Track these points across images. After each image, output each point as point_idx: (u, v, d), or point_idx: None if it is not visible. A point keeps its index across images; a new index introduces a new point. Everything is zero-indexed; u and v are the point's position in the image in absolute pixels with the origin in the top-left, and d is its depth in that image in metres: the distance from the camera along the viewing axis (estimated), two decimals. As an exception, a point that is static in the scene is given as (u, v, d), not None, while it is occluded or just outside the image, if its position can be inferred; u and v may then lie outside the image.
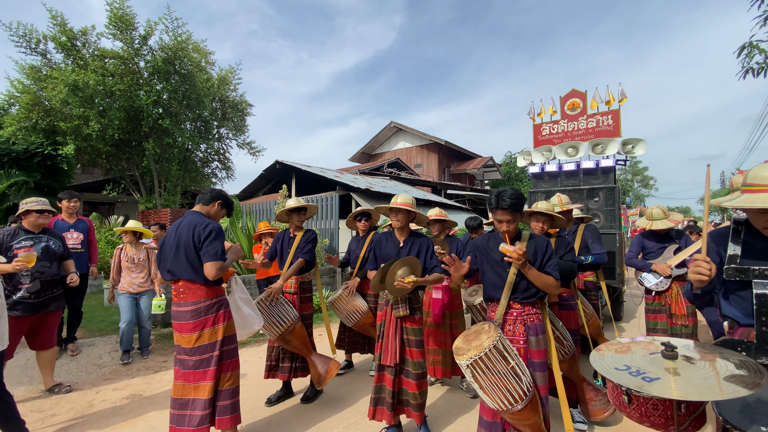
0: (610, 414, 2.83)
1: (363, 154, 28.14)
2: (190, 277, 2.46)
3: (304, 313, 3.45)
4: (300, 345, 3.29)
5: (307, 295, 3.53)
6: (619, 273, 5.63)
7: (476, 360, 1.92)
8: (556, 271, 2.16)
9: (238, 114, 13.89)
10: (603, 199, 5.70)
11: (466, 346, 2.02)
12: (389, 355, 2.68)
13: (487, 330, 2.06)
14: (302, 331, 3.30)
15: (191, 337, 2.45)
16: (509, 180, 28.16)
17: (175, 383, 2.51)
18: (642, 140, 5.83)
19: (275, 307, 3.21)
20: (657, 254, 3.85)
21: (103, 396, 3.62)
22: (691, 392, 1.26)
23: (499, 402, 1.96)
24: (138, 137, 12.19)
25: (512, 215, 2.14)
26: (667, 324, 3.75)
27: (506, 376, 1.95)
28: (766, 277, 1.54)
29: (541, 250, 2.20)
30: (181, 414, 2.42)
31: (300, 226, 3.55)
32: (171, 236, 2.55)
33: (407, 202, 2.82)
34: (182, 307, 2.49)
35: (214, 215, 2.73)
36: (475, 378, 1.97)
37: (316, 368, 3.30)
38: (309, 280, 3.59)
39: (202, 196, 2.73)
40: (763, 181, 1.52)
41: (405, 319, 2.76)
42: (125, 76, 10.99)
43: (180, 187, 13.18)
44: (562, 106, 6.63)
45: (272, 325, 3.17)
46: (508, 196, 2.11)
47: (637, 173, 42.42)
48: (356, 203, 12.93)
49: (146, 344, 4.71)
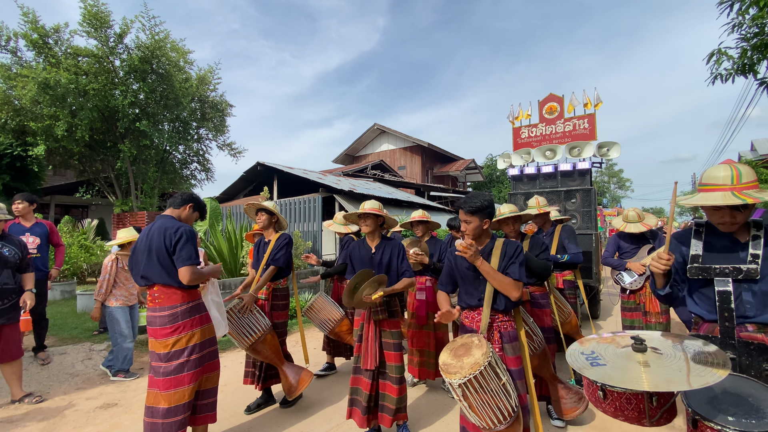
0: (581, 412, 2.89)
1: (347, 155, 28.09)
2: (165, 282, 2.43)
3: (276, 321, 3.33)
4: (271, 354, 3.18)
5: (280, 303, 3.39)
6: (595, 272, 5.79)
7: (470, 379, 1.80)
8: (516, 272, 2.15)
9: (218, 114, 13.67)
10: (580, 201, 5.85)
11: (456, 362, 1.89)
12: (369, 358, 2.67)
13: (477, 344, 1.96)
14: (273, 340, 3.20)
15: (168, 342, 2.41)
16: (491, 182, 28.59)
17: (149, 391, 2.43)
18: (616, 143, 6.03)
19: (245, 316, 3.10)
20: (632, 254, 3.98)
21: (76, 405, 3.50)
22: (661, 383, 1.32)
23: (488, 420, 1.88)
24: (113, 138, 11.85)
25: (470, 218, 2.20)
26: (642, 321, 3.88)
27: (498, 394, 1.87)
28: (726, 275, 1.63)
29: (508, 253, 2.22)
30: (155, 422, 2.34)
31: (272, 230, 3.42)
32: (142, 241, 2.50)
33: (374, 207, 2.85)
34: (158, 312, 2.44)
35: (186, 219, 2.67)
36: (465, 397, 1.86)
37: (288, 378, 3.21)
38: (284, 286, 3.44)
39: (173, 200, 2.68)
40: (716, 180, 1.62)
41: (383, 323, 2.77)
42: (99, 75, 10.67)
43: (157, 189, 12.87)
44: (541, 110, 6.79)
45: (241, 336, 3.07)
46: (472, 199, 2.21)
47: (613, 175, 43.73)
48: (340, 205, 12.88)
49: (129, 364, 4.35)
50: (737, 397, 1.40)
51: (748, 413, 1.31)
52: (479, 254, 2.14)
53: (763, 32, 3.90)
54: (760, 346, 1.56)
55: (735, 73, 4.26)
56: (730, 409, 1.34)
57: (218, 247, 7.24)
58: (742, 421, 1.27)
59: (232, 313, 3.10)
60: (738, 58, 4.15)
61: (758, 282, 1.58)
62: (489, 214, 2.23)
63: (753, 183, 1.57)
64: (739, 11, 3.98)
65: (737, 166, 1.61)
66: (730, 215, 1.60)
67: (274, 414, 3.30)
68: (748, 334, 1.60)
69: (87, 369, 4.34)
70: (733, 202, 1.52)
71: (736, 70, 4.22)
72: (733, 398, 1.40)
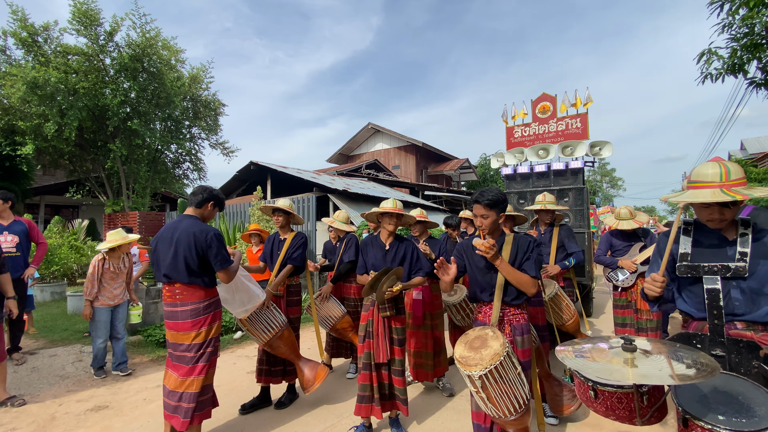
0: (575, 409, 2.91)
1: (341, 155, 28.01)
2: (190, 281, 2.54)
3: (290, 317, 3.39)
4: (288, 350, 3.22)
5: (294, 299, 3.46)
6: (588, 271, 5.83)
7: (491, 370, 1.82)
8: (533, 269, 2.18)
9: (211, 113, 13.57)
10: (572, 200, 5.88)
11: (474, 355, 1.89)
12: (381, 352, 2.73)
13: (493, 336, 1.98)
14: (290, 336, 3.25)
15: (190, 335, 2.54)
16: (484, 181, 28.66)
17: (168, 373, 2.59)
18: (608, 143, 6.06)
19: (263, 312, 3.14)
20: (624, 252, 4.01)
21: (66, 408, 3.45)
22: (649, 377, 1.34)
23: (504, 410, 1.89)
24: (104, 137, 11.71)
25: (489, 211, 2.20)
26: (633, 319, 3.91)
27: (515, 383, 1.89)
28: (714, 273, 1.64)
29: (522, 249, 2.24)
30: (176, 405, 2.52)
31: (288, 228, 3.51)
32: (166, 240, 2.58)
33: (399, 208, 2.92)
34: (179, 308, 2.56)
35: (209, 216, 2.77)
36: (485, 388, 1.86)
37: (304, 374, 3.25)
38: (298, 282, 3.52)
39: (194, 198, 2.71)
40: (705, 178, 1.63)
41: (391, 319, 2.83)
42: (89, 74, 10.54)
43: (149, 189, 12.75)
44: (534, 110, 6.81)
45: (259, 332, 3.11)
46: (488, 192, 2.21)
47: (605, 174, 44.08)
48: (334, 205, 12.85)
49: (125, 358, 4.36)
50: (727, 395, 1.41)
51: (738, 412, 1.32)
52: (498, 253, 2.15)
53: (753, 32, 3.95)
54: (749, 343, 1.57)
55: (725, 72, 4.30)
56: (720, 408, 1.35)
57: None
58: (732, 420, 1.28)
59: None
60: (728, 58, 4.20)
61: (746, 280, 1.59)
62: (503, 208, 2.25)
63: (741, 180, 1.59)
64: (729, 12, 4.02)
65: (726, 164, 1.62)
66: (719, 212, 1.62)
67: (268, 414, 3.28)
68: (737, 331, 1.61)
69: (77, 371, 4.28)
70: (722, 199, 1.53)
71: (726, 69, 4.27)
72: (723, 397, 1.41)
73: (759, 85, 4.29)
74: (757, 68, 4.22)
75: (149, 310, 5.56)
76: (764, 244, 1.61)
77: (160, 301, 5.65)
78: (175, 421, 2.52)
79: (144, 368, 4.41)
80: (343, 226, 4.25)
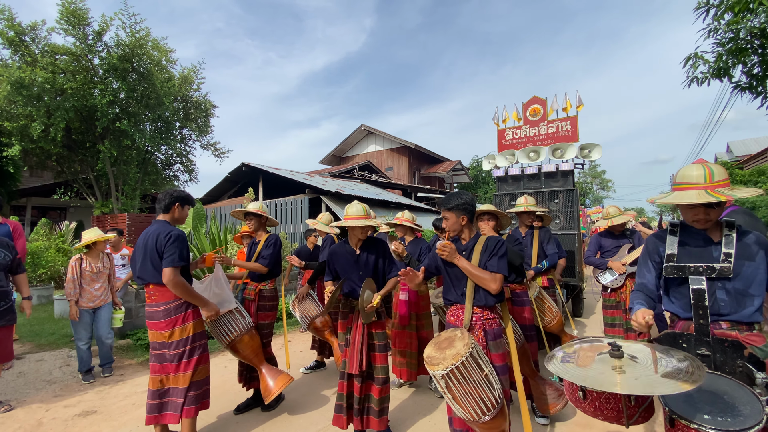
0: (561, 407, 2.94)
1: (333, 156, 27.96)
2: (158, 281, 2.63)
3: (261, 322, 3.33)
4: (250, 355, 3.16)
5: (267, 304, 3.38)
6: (578, 271, 5.89)
7: (452, 369, 1.84)
8: (494, 265, 2.19)
9: (202, 114, 13.46)
10: (563, 201, 5.94)
11: (439, 354, 1.93)
12: (354, 363, 2.64)
13: (460, 337, 2.00)
14: (253, 341, 3.18)
15: (165, 334, 2.63)
16: (477, 183, 28.81)
17: (152, 377, 2.65)
18: (598, 145, 6.14)
19: (223, 315, 3.08)
20: (613, 252, 4.06)
21: (53, 414, 3.39)
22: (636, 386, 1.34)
23: (471, 412, 1.90)
24: (92, 138, 11.55)
25: (448, 214, 2.33)
26: (622, 319, 3.96)
27: (481, 385, 1.89)
28: (700, 274, 1.67)
29: (489, 248, 2.27)
30: (161, 402, 2.61)
31: (263, 231, 3.47)
32: (140, 244, 2.72)
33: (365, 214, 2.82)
34: (155, 308, 2.68)
35: (179, 218, 2.85)
36: (449, 388, 1.90)
37: (265, 381, 3.18)
38: (272, 287, 3.43)
39: (159, 205, 2.81)
40: (690, 179, 1.67)
41: (372, 325, 2.76)
42: (78, 74, 10.40)
43: (139, 190, 12.60)
44: (525, 112, 6.88)
45: (219, 335, 3.07)
46: (448, 198, 2.34)
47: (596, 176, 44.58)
48: (326, 206, 12.82)
49: (109, 360, 4.34)
50: (713, 395, 1.43)
51: (724, 411, 1.34)
52: (456, 252, 2.22)
53: (738, 37, 4.03)
54: (733, 343, 1.60)
55: (711, 76, 4.38)
56: (706, 408, 1.37)
57: (202, 250, 7.12)
58: (718, 419, 1.30)
59: None
60: (713, 62, 4.28)
61: (731, 280, 1.63)
62: (466, 211, 2.31)
63: (725, 181, 1.63)
64: (714, 17, 4.10)
65: (710, 166, 1.66)
66: (704, 212, 1.65)
67: (259, 416, 3.26)
68: (722, 331, 1.64)
69: (65, 376, 4.21)
70: (707, 200, 1.56)
71: (711, 73, 4.35)
72: (709, 396, 1.43)
73: (744, 89, 4.37)
74: (741, 72, 4.30)
75: (139, 314, 5.49)
76: (748, 246, 1.64)
77: (149, 304, 5.59)
78: (167, 418, 2.58)
79: (133, 372, 4.35)
80: (324, 228, 4.27)
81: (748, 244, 1.65)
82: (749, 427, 1.24)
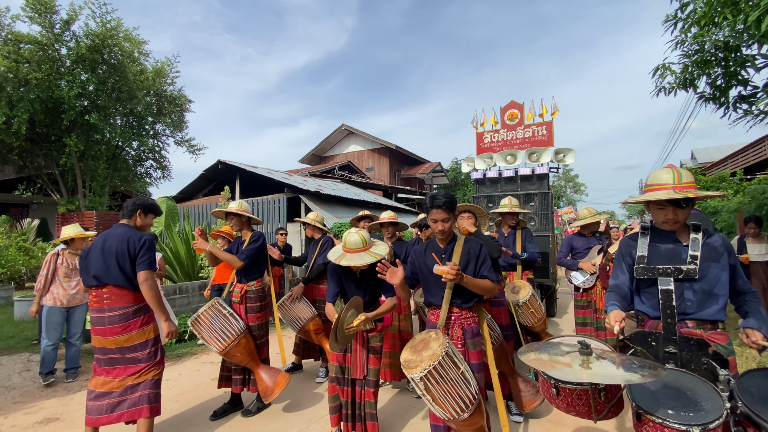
0: (539, 404, 3.02)
1: (313, 156, 27.69)
2: (120, 283, 2.59)
3: (251, 324, 3.27)
4: (246, 358, 3.12)
5: (255, 305, 3.31)
6: (552, 272, 6.04)
7: (430, 370, 1.84)
8: (492, 273, 2.22)
9: (176, 109, 13.07)
10: (538, 204, 6.08)
11: (416, 357, 1.93)
12: (358, 368, 2.59)
13: (435, 337, 2.02)
14: (249, 343, 3.15)
15: (119, 339, 2.57)
16: (456, 185, 29.15)
17: (96, 378, 2.60)
18: (572, 150, 6.32)
19: (218, 319, 3.04)
20: (584, 254, 4.19)
21: (12, 421, 3.21)
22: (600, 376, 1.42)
23: (451, 411, 1.90)
24: (58, 131, 11.02)
25: (448, 214, 2.21)
26: (593, 318, 4.08)
27: (458, 383, 1.91)
28: (668, 275, 1.74)
29: (474, 254, 2.25)
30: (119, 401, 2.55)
31: (248, 229, 3.42)
32: (98, 245, 2.64)
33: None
34: (107, 313, 2.58)
35: (142, 225, 2.83)
36: (428, 390, 1.88)
37: (263, 381, 3.15)
38: (258, 287, 3.35)
39: (123, 211, 2.81)
40: (660, 181, 1.77)
41: (371, 330, 2.69)
42: (43, 64, 9.90)
43: (108, 187, 12.11)
44: (502, 116, 7.01)
45: (215, 340, 3.00)
46: (442, 196, 2.20)
47: (569, 180, 45.86)
48: (306, 206, 12.67)
49: (75, 364, 4.13)
50: (677, 391, 1.49)
51: (687, 406, 1.40)
52: (463, 275, 2.07)
53: (703, 50, 4.21)
54: (699, 341, 1.67)
55: (677, 86, 4.57)
56: (671, 403, 1.43)
57: (175, 250, 6.90)
58: (681, 414, 1.36)
59: (205, 316, 3.04)
60: (680, 73, 4.46)
61: (697, 281, 1.70)
62: (454, 209, 2.27)
63: (692, 184, 1.73)
64: (682, 30, 4.28)
65: (678, 170, 1.76)
66: (673, 213, 1.74)
67: (236, 421, 3.18)
68: (688, 330, 1.72)
69: (25, 381, 3.99)
70: (675, 196, 1.66)
71: (678, 84, 4.54)
72: (674, 392, 1.49)
73: (708, 100, 4.57)
74: (706, 83, 4.50)
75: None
76: (714, 248, 1.73)
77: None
78: (120, 416, 2.53)
79: (99, 377, 4.17)
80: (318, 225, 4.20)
81: (714, 247, 1.73)
82: (710, 421, 1.30)
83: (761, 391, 1.42)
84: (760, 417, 1.28)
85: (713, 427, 1.29)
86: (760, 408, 1.32)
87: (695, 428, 1.29)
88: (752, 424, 1.32)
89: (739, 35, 3.56)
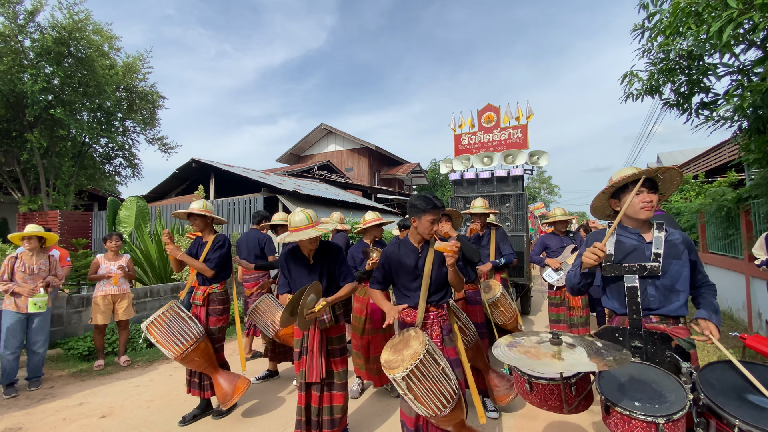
0: (513, 398, 3.11)
1: (292, 155, 27.34)
2: None
3: (212, 327, 3.19)
4: (204, 363, 3.02)
5: (217, 308, 3.23)
6: (527, 271, 6.18)
7: (412, 369, 1.84)
8: (468, 273, 2.29)
9: (148, 106, 12.66)
10: (513, 205, 6.22)
11: (397, 357, 1.93)
12: (314, 371, 2.52)
13: (414, 336, 2.03)
14: (207, 347, 3.05)
15: None
16: (434, 186, 29.43)
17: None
18: (545, 152, 6.49)
19: (176, 322, 2.92)
20: (558, 253, 4.32)
21: (-36, 434, 3.02)
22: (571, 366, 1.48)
23: (433, 407, 1.91)
24: (20, 127, 10.47)
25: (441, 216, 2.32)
26: (566, 315, 4.21)
27: (439, 379, 1.93)
28: (634, 272, 1.82)
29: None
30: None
31: (210, 231, 3.32)
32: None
33: (313, 221, 2.65)
34: None
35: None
36: (410, 389, 1.88)
37: (222, 387, 3.06)
38: (222, 290, 3.28)
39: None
40: (625, 173, 1.87)
41: (329, 329, 2.64)
42: (5, 56, 9.40)
43: (74, 186, 11.59)
44: (479, 119, 7.14)
45: (170, 344, 2.86)
46: (438, 199, 2.29)
47: (543, 181, 47.11)
48: (283, 206, 12.49)
49: (38, 373, 3.91)
50: (643, 383, 1.56)
51: (652, 398, 1.46)
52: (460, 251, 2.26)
53: (669, 58, 4.41)
54: (662, 335, 1.75)
55: (644, 93, 4.76)
56: (637, 395, 1.48)
57: (146, 251, 6.67)
58: (647, 406, 1.41)
59: (162, 319, 2.91)
60: (647, 80, 4.65)
61: (660, 278, 1.78)
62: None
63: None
64: (648, 38, 4.47)
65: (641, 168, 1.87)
66: (649, 195, 1.81)
67: (209, 426, 3.10)
68: (652, 324, 1.79)
69: (-20, 391, 3.77)
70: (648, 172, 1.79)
71: (645, 90, 4.73)
72: (640, 385, 1.55)
73: (672, 106, 4.79)
74: (671, 90, 4.70)
75: (71, 320, 5.04)
76: (675, 246, 1.81)
77: (83, 310, 5.14)
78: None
79: (64, 385, 3.98)
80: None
81: (675, 244, 1.82)
82: (674, 412, 1.36)
83: (722, 383, 1.49)
84: (721, 408, 1.34)
85: (677, 417, 1.35)
86: (721, 399, 1.38)
87: (660, 419, 1.35)
88: (714, 415, 1.38)
89: (702, 45, 3.73)
